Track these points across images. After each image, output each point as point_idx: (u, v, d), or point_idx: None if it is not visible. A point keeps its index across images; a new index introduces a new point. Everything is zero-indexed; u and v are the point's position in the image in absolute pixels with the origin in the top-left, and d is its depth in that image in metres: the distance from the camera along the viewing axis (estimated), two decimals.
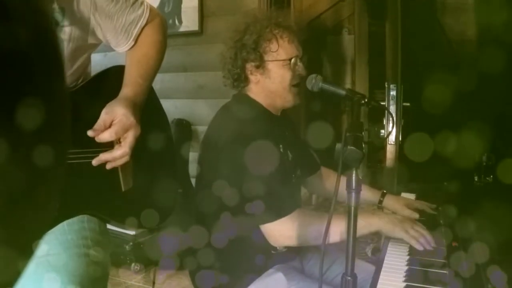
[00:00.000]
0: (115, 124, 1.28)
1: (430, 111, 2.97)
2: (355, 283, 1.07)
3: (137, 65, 1.42)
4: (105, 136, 1.27)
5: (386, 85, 3.09)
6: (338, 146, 1.07)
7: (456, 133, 2.66)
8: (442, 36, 3.73)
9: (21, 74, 0.30)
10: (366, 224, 1.56)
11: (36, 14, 0.33)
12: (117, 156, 1.30)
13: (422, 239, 1.52)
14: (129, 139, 1.30)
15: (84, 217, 1.31)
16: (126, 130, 1.29)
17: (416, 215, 1.87)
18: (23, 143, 0.31)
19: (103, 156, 1.29)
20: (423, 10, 3.78)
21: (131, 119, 1.29)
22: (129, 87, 1.36)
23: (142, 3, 1.44)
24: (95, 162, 1.29)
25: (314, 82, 1.53)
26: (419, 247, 1.51)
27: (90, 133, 1.25)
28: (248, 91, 1.80)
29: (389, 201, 1.97)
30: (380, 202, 1.99)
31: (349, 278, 1.06)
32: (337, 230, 1.52)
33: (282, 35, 1.74)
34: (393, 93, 3.06)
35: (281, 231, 1.60)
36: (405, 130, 3.13)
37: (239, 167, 1.59)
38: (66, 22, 1.29)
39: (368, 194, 2.01)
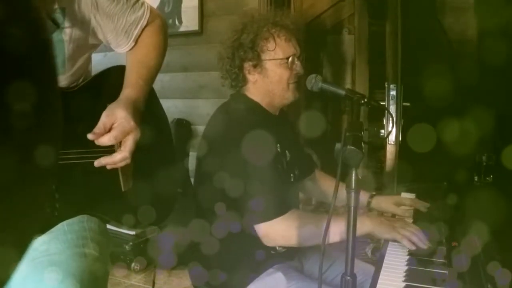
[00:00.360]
0: (115, 128, 1.27)
1: (430, 111, 2.97)
2: (354, 283, 1.07)
3: (138, 67, 1.42)
4: (105, 140, 1.27)
5: (386, 85, 3.09)
6: (338, 145, 1.07)
7: (456, 133, 2.66)
8: (442, 36, 3.73)
9: (14, 72, 0.30)
10: (359, 226, 1.56)
11: (31, 13, 0.33)
12: (117, 160, 1.29)
13: (415, 237, 1.53)
14: (129, 143, 1.29)
15: (84, 217, 1.31)
16: (126, 134, 1.29)
17: (406, 213, 1.88)
18: (16, 141, 0.31)
19: (103, 160, 1.29)
20: (423, 10, 3.78)
21: (131, 123, 1.28)
22: (130, 88, 1.36)
23: (142, 4, 1.44)
24: (96, 163, 1.29)
25: (314, 82, 1.53)
26: (411, 247, 1.51)
27: (90, 136, 1.25)
28: (245, 91, 1.80)
29: (378, 202, 1.97)
30: (369, 203, 1.99)
31: (348, 278, 1.06)
32: (336, 231, 1.53)
33: (279, 34, 1.74)
34: (393, 93, 3.06)
35: (275, 232, 1.60)
36: (405, 130, 3.13)
37: (235, 166, 1.60)
38: (66, 23, 1.29)
39: None
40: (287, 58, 1.74)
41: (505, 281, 1.05)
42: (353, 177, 1.08)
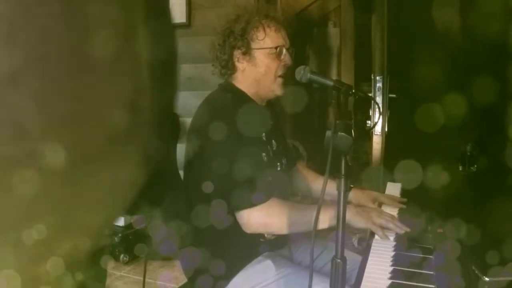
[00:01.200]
0: None
1: (416, 102, 3.01)
2: (344, 266, 1.10)
3: None
4: None
5: (372, 77, 3.12)
6: (328, 133, 1.10)
7: (442, 124, 2.70)
8: (428, 28, 3.76)
9: None
10: (334, 216, 1.58)
11: None
12: None
13: (391, 224, 1.57)
14: None
15: None
16: None
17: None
18: None
19: None
20: (409, 1, 3.80)
21: None
22: None
23: None
24: None
25: (303, 73, 1.55)
26: (384, 238, 1.55)
27: None
28: (233, 80, 1.83)
29: (356, 196, 1.99)
30: None
31: (339, 260, 1.09)
32: (321, 218, 1.55)
33: (269, 24, 1.77)
34: (379, 84, 3.09)
35: (255, 219, 1.63)
36: (391, 121, 3.16)
37: (218, 154, 1.63)
38: None
39: (334, 187, 2.02)
40: (276, 48, 1.76)
41: (490, 264, 1.09)
42: (343, 163, 1.10)
